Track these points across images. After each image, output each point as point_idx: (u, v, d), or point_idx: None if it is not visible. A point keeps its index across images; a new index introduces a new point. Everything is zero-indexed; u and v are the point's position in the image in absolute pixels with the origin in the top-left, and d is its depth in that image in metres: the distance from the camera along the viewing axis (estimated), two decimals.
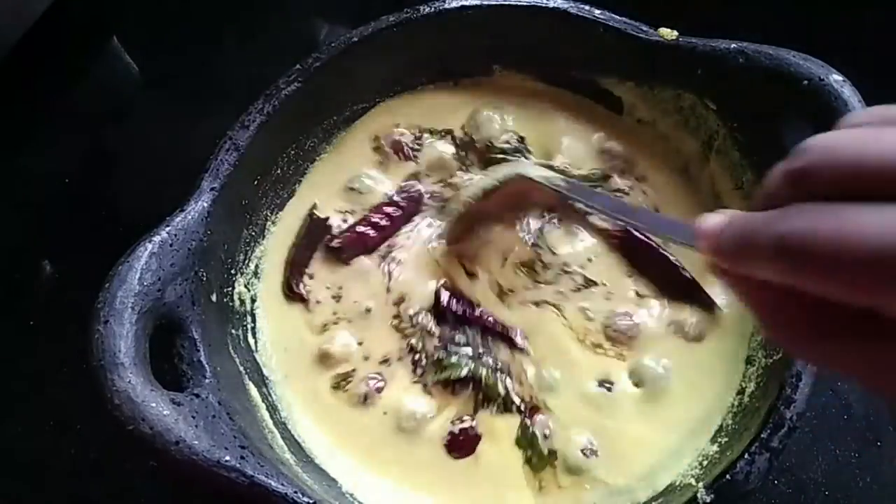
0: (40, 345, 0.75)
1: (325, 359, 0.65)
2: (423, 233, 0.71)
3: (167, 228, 0.56)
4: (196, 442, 0.47)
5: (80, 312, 0.50)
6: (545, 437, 0.61)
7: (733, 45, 0.63)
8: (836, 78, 0.57)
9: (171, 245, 0.55)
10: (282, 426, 0.61)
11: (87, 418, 0.69)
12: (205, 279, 0.58)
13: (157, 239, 0.55)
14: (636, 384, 0.63)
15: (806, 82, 0.58)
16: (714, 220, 0.33)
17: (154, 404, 0.47)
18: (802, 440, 0.66)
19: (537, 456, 0.61)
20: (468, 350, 0.64)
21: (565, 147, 0.74)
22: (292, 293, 0.68)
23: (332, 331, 0.66)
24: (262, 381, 0.63)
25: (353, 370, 0.64)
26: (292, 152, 0.71)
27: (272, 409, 0.61)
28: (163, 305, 0.53)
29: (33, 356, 0.74)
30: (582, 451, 0.60)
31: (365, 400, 0.63)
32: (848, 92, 0.57)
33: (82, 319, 0.50)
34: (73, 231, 0.82)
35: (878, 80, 0.57)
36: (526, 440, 0.61)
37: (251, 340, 0.65)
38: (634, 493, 0.58)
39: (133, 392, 0.47)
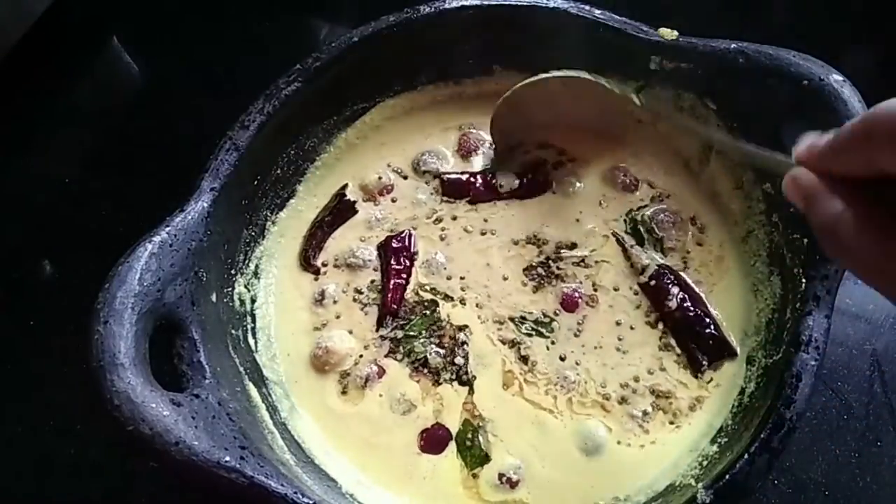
0: (40, 345, 0.75)
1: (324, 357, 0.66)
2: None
3: (167, 229, 0.56)
4: (196, 443, 0.47)
5: (80, 312, 0.50)
6: (485, 437, 0.62)
7: (733, 45, 0.63)
8: (836, 78, 0.57)
9: (170, 245, 0.55)
10: (282, 426, 0.61)
11: (87, 418, 0.69)
12: (205, 279, 0.58)
13: (156, 239, 0.55)
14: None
15: (806, 82, 0.58)
16: (806, 141, 0.41)
17: (154, 405, 0.47)
18: (802, 440, 0.66)
19: (471, 449, 0.62)
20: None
21: None
22: (308, 265, 0.71)
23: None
24: (262, 382, 0.63)
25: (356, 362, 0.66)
26: (292, 152, 0.71)
27: (272, 409, 0.61)
28: (163, 306, 0.53)
29: (33, 356, 0.74)
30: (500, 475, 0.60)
31: (366, 383, 0.64)
32: (848, 92, 0.57)
33: (82, 319, 0.50)
34: (73, 231, 0.82)
35: (878, 81, 0.57)
36: (470, 429, 0.63)
37: (251, 341, 0.65)
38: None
39: (133, 393, 0.47)
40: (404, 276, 0.69)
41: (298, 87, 0.66)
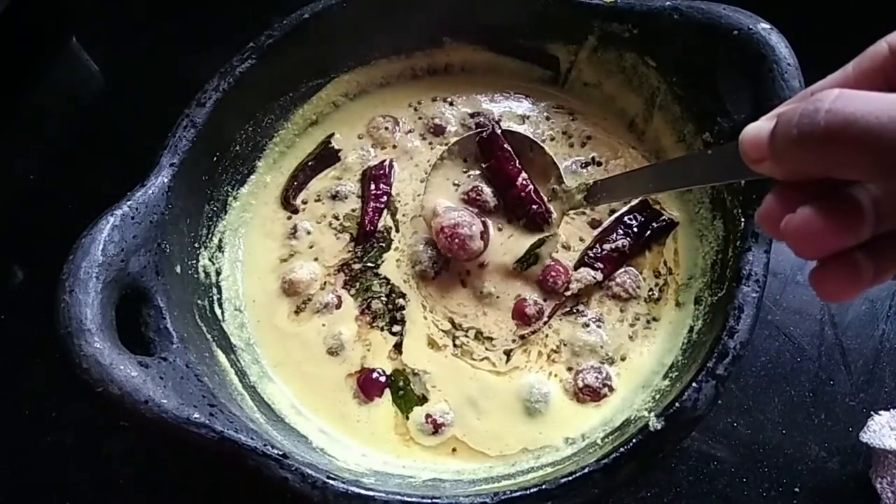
0: (13, 338, 0.75)
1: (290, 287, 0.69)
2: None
3: (128, 202, 0.57)
4: (165, 401, 0.48)
5: (50, 303, 0.51)
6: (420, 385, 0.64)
7: (668, 3, 0.65)
8: (763, 26, 0.60)
9: (132, 218, 0.56)
10: (251, 389, 0.62)
11: (62, 406, 0.70)
12: (168, 251, 0.60)
13: (118, 212, 0.56)
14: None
15: (736, 32, 0.60)
16: (753, 129, 0.35)
17: (122, 367, 0.48)
18: (759, 384, 0.68)
19: (405, 395, 0.64)
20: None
21: None
22: (288, 204, 0.74)
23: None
24: (230, 349, 0.64)
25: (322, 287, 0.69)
26: (250, 129, 0.72)
27: (241, 374, 0.62)
28: (127, 275, 0.54)
29: (7, 349, 0.75)
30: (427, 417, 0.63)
31: (323, 308, 0.67)
32: (776, 38, 0.59)
33: (52, 309, 0.51)
34: (41, 227, 0.83)
35: (815, 34, 0.59)
36: (401, 378, 0.65)
37: (217, 311, 0.66)
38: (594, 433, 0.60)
39: (101, 356, 0.48)
40: (383, 200, 0.73)
41: (252, 64, 0.68)
